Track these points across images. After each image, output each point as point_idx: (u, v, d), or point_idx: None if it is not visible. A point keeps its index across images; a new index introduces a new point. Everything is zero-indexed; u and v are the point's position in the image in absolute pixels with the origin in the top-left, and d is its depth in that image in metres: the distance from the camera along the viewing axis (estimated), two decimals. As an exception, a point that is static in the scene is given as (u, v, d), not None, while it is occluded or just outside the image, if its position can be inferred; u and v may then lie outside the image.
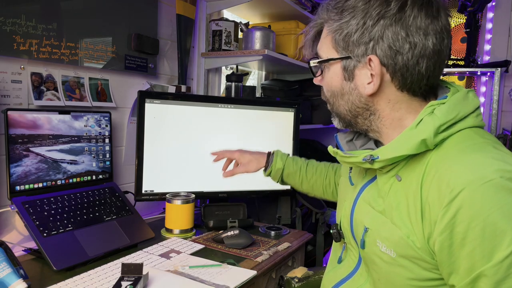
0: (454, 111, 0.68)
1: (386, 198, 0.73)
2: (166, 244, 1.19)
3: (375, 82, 0.70)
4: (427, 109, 0.69)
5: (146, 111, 1.36)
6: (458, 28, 2.57)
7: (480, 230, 0.59)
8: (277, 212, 1.64)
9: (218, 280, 0.95)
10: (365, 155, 0.72)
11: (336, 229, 0.87)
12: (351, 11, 0.70)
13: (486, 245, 0.59)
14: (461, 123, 0.68)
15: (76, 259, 1.01)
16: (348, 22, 0.70)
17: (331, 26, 0.73)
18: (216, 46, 1.79)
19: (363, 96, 0.73)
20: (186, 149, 1.43)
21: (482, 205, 0.59)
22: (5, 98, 1.13)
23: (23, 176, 1.10)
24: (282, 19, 2.10)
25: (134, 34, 1.48)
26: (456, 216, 0.60)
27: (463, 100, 0.70)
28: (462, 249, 0.61)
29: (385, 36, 0.67)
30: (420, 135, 0.66)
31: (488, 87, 2.42)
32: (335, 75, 0.75)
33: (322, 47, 0.77)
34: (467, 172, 0.61)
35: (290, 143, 1.57)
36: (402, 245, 0.68)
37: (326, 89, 0.79)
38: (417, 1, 0.68)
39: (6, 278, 0.83)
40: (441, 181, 0.63)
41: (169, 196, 1.30)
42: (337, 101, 0.77)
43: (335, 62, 0.74)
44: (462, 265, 0.61)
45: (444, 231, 0.62)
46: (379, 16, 0.67)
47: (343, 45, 0.72)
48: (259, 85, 2.44)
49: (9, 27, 1.11)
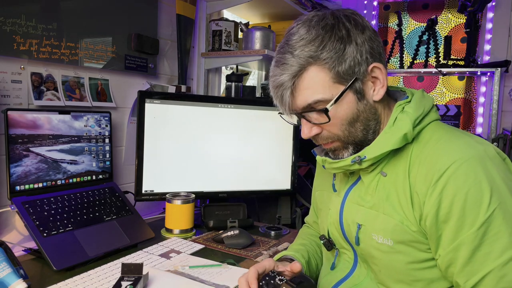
0: (421, 107, 0.76)
1: (375, 194, 0.77)
2: (166, 244, 1.19)
3: (383, 82, 0.75)
4: (397, 108, 0.77)
5: (146, 111, 1.36)
6: (458, 28, 2.57)
7: (462, 202, 0.65)
8: (277, 212, 1.64)
9: (218, 280, 0.95)
10: (353, 157, 0.76)
11: (325, 238, 0.89)
12: (338, 40, 0.71)
13: (467, 216, 0.65)
14: (428, 117, 0.76)
15: (76, 259, 1.01)
16: (344, 51, 0.71)
17: (326, 63, 0.71)
18: (216, 46, 1.79)
19: (373, 106, 0.76)
20: (186, 149, 1.43)
21: (465, 179, 0.65)
22: (5, 98, 1.13)
23: (23, 176, 1.10)
24: (282, 19, 2.10)
25: (134, 34, 1.48)
26: (442, 192, 0.67)
27: (423, 98, 0.79)
28: (447, 222, 0.67)
29: (371, 42, 0.74)
30: (401, 130, 0.73)
31: (488, 87, 2.42)
32: (349, 104, 0.74)
33: (317, 90, 0.72)
34: (452, 152, 0.68)
35: (290, 143, 1.57)
36: (398, 231, 0.73)
37: (340, 123, 0.75)
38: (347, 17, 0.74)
39: (6, 278, 0.83)
40: (428, 165, 0.70)
41: (169, 196, 1.30)
42: (354, 127, 0.76)
43: (346, 92, 0.73)
44: (446, 237, 0.67)
45: (432, 209, 0.68)
46: (360, 30, 0.73)
47: (350, 72, 0.72)
48: (259, 85, 2.44)
49: (9, 27, 1.11)
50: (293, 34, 0.74)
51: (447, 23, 2.61)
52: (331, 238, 0.88)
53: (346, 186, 0.85)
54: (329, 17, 0.73)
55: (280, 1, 1.88)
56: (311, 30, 0.72)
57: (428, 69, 2.38)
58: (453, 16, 2.59)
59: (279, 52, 0.75)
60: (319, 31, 0.71)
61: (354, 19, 0.74)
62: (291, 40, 0.73)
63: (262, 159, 1.54)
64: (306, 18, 0.75)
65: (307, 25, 0.73)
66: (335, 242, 0.88)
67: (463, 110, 2.55)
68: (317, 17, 0.74)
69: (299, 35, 0.73)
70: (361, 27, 0.73)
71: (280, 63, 0.74)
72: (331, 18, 0.73)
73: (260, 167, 1.54)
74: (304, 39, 0.72)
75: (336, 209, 0.86)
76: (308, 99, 0.73)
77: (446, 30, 2.61)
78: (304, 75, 0.72)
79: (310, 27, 0.72)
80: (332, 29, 0.71)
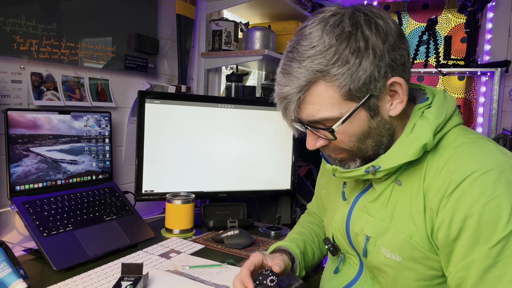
0: (443, 112, 0.69)
1: (387, 205, 0.72)
2: (166, 244, 1.19)
3: (402, 98, 0.68)
4: (416, 113, 0.70)
5: (146, 111, 1.36)
6: (458, 28, 2.57)
7: (478, 217, 0.59)
8: (277, 212, 1.64)
9: (218, 280, 0.95)
10: (366, 167, 0.71)
11: (330, 243, 0.85)
12: (354, 53, 0.63)
13: (481, 232, 0.59)
14: (450, 123, 0.70)
15: (76, 259, 1.01)
16: (359, 66, 0.63)
17: (336, 80, 0.64)
18: (216, 46, 1.79)
19: (387, 122, 0.70)
20: (186, 149, 1.43)
21: (482, 192, 0.60)
22: (5, 98, 1.13)
23: (23, 176, 1.10)
24: (282, 19, 2.10)
25: (134, 34, 1.48)
26: (456, 204, 0.61)
27: (445, 101, 0.71)
28: (460, 237, 0.62)
29: (393, 53, 0.66)
30: (421, 140, 0.66)
31: (488, 87, 2.42)
32: (360, 121, 0.68)
33: (324, 107, 0.66)
34: (471, 162, 0.62)
35: (290, 143, 1.57)
36: (406, 247, 0.68)
37: (349, 140, 0.70)
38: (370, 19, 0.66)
39: (6, 278, 0.82)
40: (444, 175, 0.64)
41: (169, 196, 1.30)
42: (363, 144, 0.70)
43: (358, 110, 0.66)
44: (458, 253, 0.62)
45: (444, 221, 0.63)
46: (381, 39, 0.65)
47: (364, 89, 0.64)
48: (259, 85, 2.44)
49: (9, 27, 1.11)
50: (305, 37, 0.66)
51: (447, 23, 2.61)
52: (335, 243, 0.85)
53: (355, 193, 0.80)
54: (347, 22, 0.64)
55: (280, 1, 1.88)
56: (324, 37, 0.64)
57: (428, 69, 2.38)
58: (453, 16, 2.59)
59: (287, 58, 0.68)
60: (332, 40, 0.63)
61: (376, 24, 0.65)
62: (300, 46, 0.66)
63: (262, 159, 1.54)
64: (323, 16, 0.66)
65: (322, 28, 0.65)
66: (340, 247, 0.85)
67: (463, 110, 2.55)
68: (334, 19, 0.65)
69: (310, 42, 0.65)
70: (383, 34, 0.65)
71: (286, 73, 0.67)
72: (349, 23, 0.64)
73: (260, 167, 1.54)
74: (315, 48, 0.64)
75: (343, 216, 0.82)
76: (314, 115, 0.67)
77: (446, 30, 2.61)
78: (312, 89, 0.65)
79: (324, 32, 0.64)
80: (348, 38, 0.63)
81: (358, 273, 0.81)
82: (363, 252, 0.76)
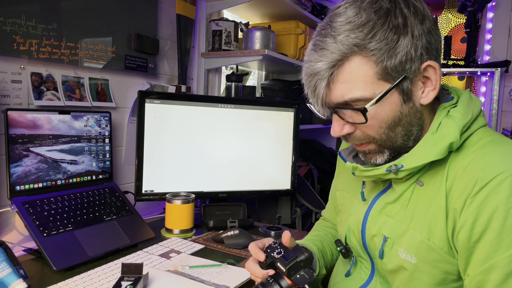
0: (469, 112, 0.67)
1: (408, 206, 0.70)
2: (166, 244, 1.19)
3: (435, 84, 0.65)
4: (442, 112, 0.68)
5: (146, 111, 1.36)
6: (458, 28, 2.57)
7: (502, 220, 0.57)
8: (277, 212, 1.64)
9: (218, 280, 0.95)
10: (388, 166, 0.68)
11: (342, 245, 0.82)
12: (392, 29, 0.61)
13: (504, 236, 0.57)
14: (476, 123, 0.68)
15: (76, 259, 1.01)
16: (397, 43, 0.61)
17: (373, 55, 0.61)
18: (216, 46, 1.79)
19: (419, 110, 0.67)
20: (186, 149, 1.43)
21: (508, 196, 0.57)
22: (5, 98, 1.13)
23: (23, 176, 1.10)
24: (282, 19, 2.10)
25: (134, 34, 1.48)
26: (481, 205, 0.59)
27: (471, 101, 0.69)
28: (481, 240, 0.59)
29: (429, 36, 0.64)
30: (447, 139, 0.64)
31: (488, 87, 2.42)
32: (392, 105, 0.64)
33: (357, 85, 0.63)
34: (498, 163, 0.60)
35: (290, 143, 1.57)
36: (423, 249, 0.67)
37: (379, 125, 0.66)
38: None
39: (6, 278, 0.82)
40: (469, 175, 0.62)
41: (169, 196, 1.30)
42: (393, 132, 0.67)
43: (391, 91, 0.63)
44: (479, 256, 0.60)
45: (467, 222, 0.61)
46: (419, 20, 0.63)
47: (399, 69, 0.62)
48: (259, 85, 2.44)
49: (9, 27, 1.11)
50: (339, 15, 0.63)
51: (447, 23, 2.61)
52: (348, 245, 0.82)
53: (373, 194, 0.77)
54: None
55: (280, 1, 1.88)
56: (361, 13, 0.61)
57: (428, 69, 2.37)
58: (453, 16, 2.59)
59: (319, 34, 0.64)
60: (370, 15, 0.61)
61: (414, 5, 0.63)
62: (335, 22, 0.62)
63: (262, 159, 1.54)
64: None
65: (358, 6, 0.62)
66: (352, 249, 0.82)
67: (463, 110, 2.55)
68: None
69: (346, 17, 0.62)
70: (421, 15, 0.62)
71: (318, 48, 0.63)
72: (388, 0, 0.62)
73: (260, 167, 1.54)
74: (352, 23, 0.61)
75: (359, 217, 0.79)
76: (345, 95, 0.63)
77: (446, 30, 2.61)
78: (345, 65, 0.62)
79: (361, 9, 0.61)
80: (386, 15, 0.61)
81: (369, 278, 0.80)
82: (379, 253, 0.73)
